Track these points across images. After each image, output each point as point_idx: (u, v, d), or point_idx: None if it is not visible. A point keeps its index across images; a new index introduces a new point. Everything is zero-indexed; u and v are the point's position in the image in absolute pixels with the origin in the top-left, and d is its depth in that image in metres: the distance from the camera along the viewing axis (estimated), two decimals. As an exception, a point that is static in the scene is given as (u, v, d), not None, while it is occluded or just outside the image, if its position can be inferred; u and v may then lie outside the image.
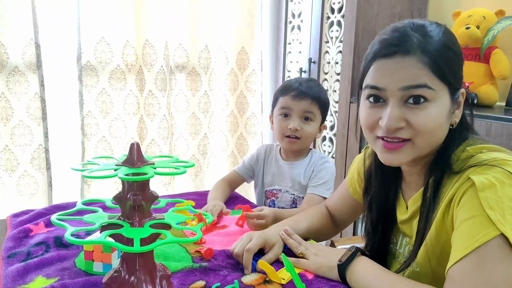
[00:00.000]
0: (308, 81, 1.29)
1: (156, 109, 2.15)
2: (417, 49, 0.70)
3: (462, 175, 0.71)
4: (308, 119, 1.26)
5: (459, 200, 0.70)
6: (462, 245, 0.66)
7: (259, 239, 0.90)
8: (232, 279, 0.81)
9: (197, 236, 0.60)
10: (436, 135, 0.74)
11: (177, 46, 2.20)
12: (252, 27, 2.36)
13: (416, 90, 0.70)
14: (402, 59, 0.71)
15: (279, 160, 1.35)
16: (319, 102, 1.26)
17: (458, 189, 0.71)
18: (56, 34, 2.00)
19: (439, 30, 0.73)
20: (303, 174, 1.30)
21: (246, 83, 2.42)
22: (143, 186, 0.62)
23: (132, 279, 0.61)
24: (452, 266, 0.66)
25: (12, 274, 0.80)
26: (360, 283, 0.77)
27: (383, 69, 0.73)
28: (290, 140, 1.27)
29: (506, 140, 1.30)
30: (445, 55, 0.71)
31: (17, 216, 1.14)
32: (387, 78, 0.72)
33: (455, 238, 0.69)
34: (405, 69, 0.70)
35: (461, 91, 0.75)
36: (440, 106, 0.72)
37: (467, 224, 0.67)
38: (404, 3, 1.97)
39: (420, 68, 0.70)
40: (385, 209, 0.90)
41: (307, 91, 1.25)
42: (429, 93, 0.70)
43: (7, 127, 1.88)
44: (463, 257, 0.65)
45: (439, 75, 0.70)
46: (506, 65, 1.64)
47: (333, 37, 2.06)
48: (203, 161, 2.39)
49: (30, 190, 1.96)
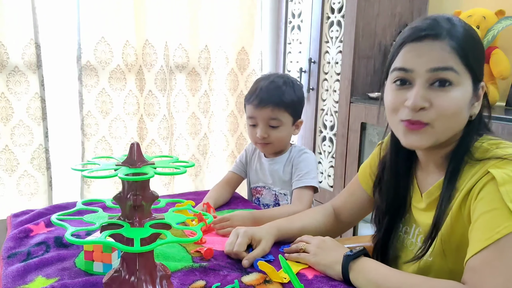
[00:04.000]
0: (271, 82, 1.23)
1: (156, 109, 2.15)
2: (446, 35, 0.74)
3: (481, 169, 0.73)
4: (275, 126, 1.23)
5: (477, 193, 0.71)
6: (483, 236, 0.67)
7: (244, 237, 0.91)
8: (232, 279, 0.81)
9: (197, 236, 0.60)
10: (456, 120, 0.76)
11: (177, 46, 2.20)
12: (252, 27, 2.36)
13: (444, 73, 0.73)
14: (432, 42, 0.74)
15: (262, 157, 1.35)
16: (284, 105, 1.21)
17: (476, 182, 0.72)
18: (56, 34, 2.00)
19: (463, 23, 0.77)
20: (282, 169, 1.29)
21: (246, 83, 2.42)
22: (143, 186, 0.62)
23: (132, 279, 0.61)
24: (472, 257, 0.67)
25: (12, 274, 0.80)
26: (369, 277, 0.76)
27: (413, 51, 0.76)
28: (262, 145, 1.27)
29: (506, 140, 1.30)
30: (470, 43, 0.75)
31: (17, 216, 1.14)
32: (416, 59, 0.75)
33: (474, 229, 0.70)
34: (434, 51, 0.74)
35: (481, 84, 0.78)
36: (463, 91, 0.74)
37: (487, 217, 0.68)
38: (404, 3, 1.97)
39: (449, 51, 0.73)
40: (397, 198, 0.90)
41: (267, 99, 1.20)
42: (455, 76, 0.73)
43: (7, 127, 1.88)
44: (484, 248, 0.66)
45: (464, 61, 0.73)
46: (506, 65, 1.64)
47: (333, 37, 2.06)
48: (203, 161, 2.39)
49: (30, 190, 1.96)
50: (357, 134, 1.92)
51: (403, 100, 0.77)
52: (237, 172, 1.38)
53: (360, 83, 1.96)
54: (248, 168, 1.39)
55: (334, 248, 0.87)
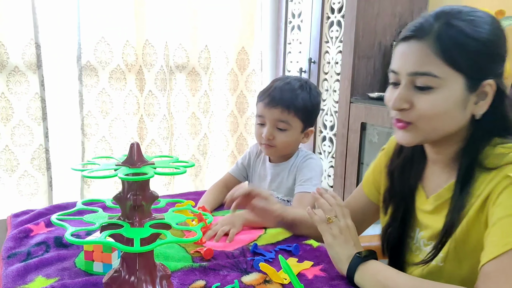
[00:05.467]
0: (286, 84, 1.20)
1: (156, 109, 2.15)
2: (431, 36, 0.71)
3: (499, 173, 0.71)
4: (282, 129, 1.19)
5: (496, 197, 0.69)
6: (500, 242, 0.65)
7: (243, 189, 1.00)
8: (232, 279, 0.81)
9: (197, 236, 0.60)
10: (441, 121, 0.74)
11: (177, 46, 2.20)
12: (252, 27, 2.36)
13: (421, 78, 0.72)
14: (416, 43, 0.73)
15: (266, 161, 1.32)
16: (295, 109, 1.17)
17: (495, 186, 0.70)
18: (56, 34, 2.01)
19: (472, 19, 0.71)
20: (286, 176, 1.26)
21: (246, 83, 2.42)
22: (143, 186, 0.62)
23: (132, 279, 0.61)
24: (488, 262, 0.65)
25: (12, 274, 0.80)
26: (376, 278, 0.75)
27: (400, 53, 0.76)
28: (265, 146, 1.23)
29: (506, 140, 1.29)
30: (463, 43, 0.70)
31: (18, 216, 1.14)
32: (400, 62, 0.76)
33: (491, 234, 0.68)
34: (415, 54, 0.73)
35: (487, 82, 0.73)
36: (449, 93, 0.72)
37: (506, 222, 0.66)
38: (404, 3, 1.97)
39: (428, 54, 0.71)
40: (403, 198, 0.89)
41: (279, 99, 1.16)
42: (433, 81, 0.71)
43: (7, 127, 1.88)
44: (500, 255, 0.64)
45: (450, 63, 0.70)
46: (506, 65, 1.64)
47: (333, 37, 2.06)
48: (203, 161, 2.39)
49: (30, 190, 1.96)
50: (357, 134, 1.92)
51: None
52: (236, 176, 1.35)
53: (360, 83, 1.96)
54: (251, 171, 1.36)
55: (352, 242, 0.83)
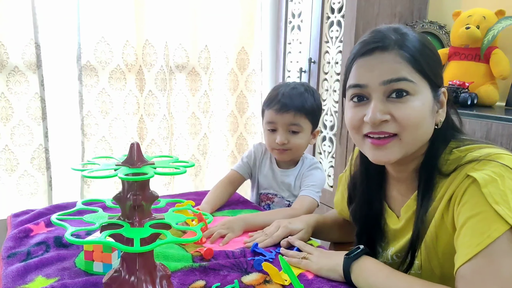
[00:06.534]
0: (292, 89, 1.23)
1: (156, 109, 2.15)
2: (394, 45, 0.73)
3: (459, 174, 0.71)
4: (295, 132, 1.23)
5: (460, 197, 0.69)
6: (472, 243, 0.65)
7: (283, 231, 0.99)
8: (232, 279, 0.81)
9: (197, 236, 0.60)
10: (421, 129, 0.74)
11: (177, 46, 2.20)
12: (252, 27, 2.36)
13: (397, 84, 0.72)
14: (381, 55, 0.73)
15: (274, 164, 1.33)
16: (305, 111, 1.21)
17: (457, 187, 0.71)
18: (56, 34, 2.00)
19: (414, 32, 0.77)
20: (293, 183, 1.29)
21: (246, 83, 2.42)
22: (143, 186, 0.62)
23: (132, 279, 0.61)
24: (463, 265, 0.65)
25: (12, 274, 0.80)
26: (369, 281, 0.76)
27: (363, 66, 0.75)
28: (279, 151, 1.25)
29: (506, 140, 1.30)
30: (422, 51, 0.73)
31: (18, 216, 1.14)
32: (368, 74, 0.74)
33: (462, 235, 0.68)
34: (384, 63, 0.73)
35: (442, 90, 0.77)
36: (423, 99, 0.73)
37: (474, 221, 0.66)
38: (404, 3, 1.97)
39: (399, 62, 0.72)
40: (370, 219, 0.89)
41: (290, 104, 1.20)
42: (410, 86, 0.72)
43: (7, 127, 1.88)
44: (474, 256, 0.64)
45: (418, 70, 0.72)
46: (506, 65, 1.64)
47: (333, 37, 2.06)
48: (203, 161, 2.39)
49: (30, 190, 1.96)
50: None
51: (362, 116, 0.75)
52: (241, 172, 1.35)
53: (360, 83, 1.95)
54: (256, 171, 1.36)
55: (335, 253, 0.87)
